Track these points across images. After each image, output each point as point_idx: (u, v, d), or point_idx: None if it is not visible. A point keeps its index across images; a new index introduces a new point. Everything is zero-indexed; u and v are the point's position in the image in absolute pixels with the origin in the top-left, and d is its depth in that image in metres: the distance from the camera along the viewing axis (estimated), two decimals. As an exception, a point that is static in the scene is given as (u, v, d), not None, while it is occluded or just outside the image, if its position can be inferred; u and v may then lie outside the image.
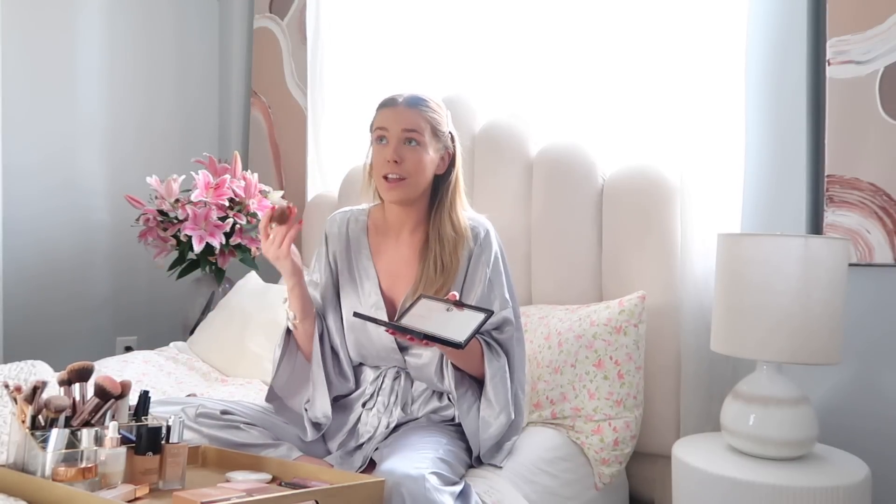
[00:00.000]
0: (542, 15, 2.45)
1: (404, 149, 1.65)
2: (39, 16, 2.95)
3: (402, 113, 1.66)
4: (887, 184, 1.86)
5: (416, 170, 1.65)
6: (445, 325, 1.45)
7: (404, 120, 1.65)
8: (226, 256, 2.80)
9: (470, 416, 1.63)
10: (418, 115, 1.66)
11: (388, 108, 1.68)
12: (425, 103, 1.69)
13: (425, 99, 1.70)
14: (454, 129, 1.75)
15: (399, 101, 1.68)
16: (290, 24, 3.18)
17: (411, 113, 1.66)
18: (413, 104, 1.67)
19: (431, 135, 1.67)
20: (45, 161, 2.97)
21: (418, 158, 1.65)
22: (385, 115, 1.68)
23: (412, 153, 1.65)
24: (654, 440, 2.01)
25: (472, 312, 1.48)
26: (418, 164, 1.65)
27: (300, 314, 1.70)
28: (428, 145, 1.67)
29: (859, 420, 1.89)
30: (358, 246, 1.77)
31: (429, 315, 1.50)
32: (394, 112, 1.67)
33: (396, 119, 1.66)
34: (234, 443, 1.59)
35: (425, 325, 1.46)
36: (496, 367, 1.62)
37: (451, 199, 1.71)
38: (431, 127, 1.67)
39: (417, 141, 1.65)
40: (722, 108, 1.98)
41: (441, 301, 1.52)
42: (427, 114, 1.68)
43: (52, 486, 1.25)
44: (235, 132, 3.41)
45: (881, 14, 1.86)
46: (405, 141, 1.65)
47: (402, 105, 1.67)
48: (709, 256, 1.94)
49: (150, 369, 2.38)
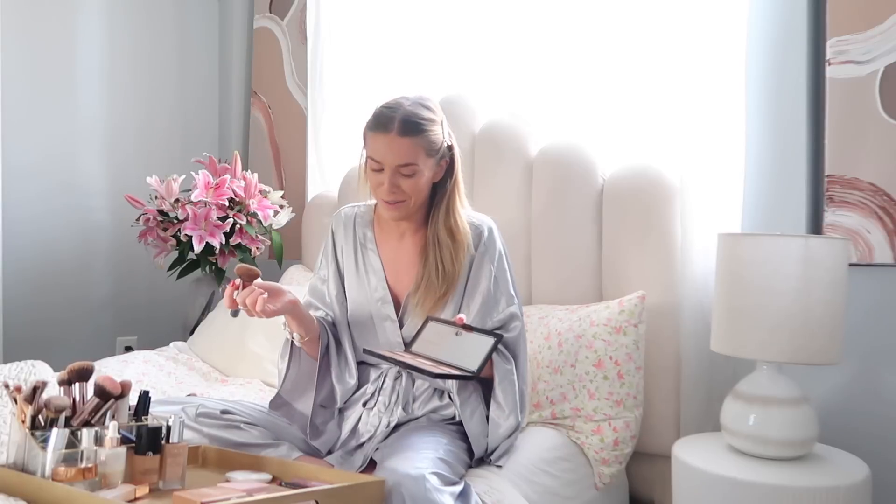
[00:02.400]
0: (542, 15, 2.45)
1: (401, 178, 1.62)
2: (39, 16, 2.95)
3: (396, 146, 1.60)
4: (887, 184, 1.86)
5: (414, 192, 1.65)
6: (456, 352, 1.48)
7: (398, 155, 1.60)
8: (226, 256, 2.80)
9: (474, 420, 1.63)
10: (413, 146, 1.61)
11: (382, 135, 1.61)
12: (420, 127, 1.61)
13: (419, 121, 1.62)
14: (451, 135, 1.71)
15: (392, 129, 1.60)
16: (290, 24, 3.18)
17: (405, 145, 1.60)
18: (407, 132, 1.60)
19: (426, 157, 1.63)
20: (45, 161, 2.97)
21: (414, 183, 1.64)
22: (379, 144, 1.62)
23: (408, 181, 1.63)
24: (654, 440, 2.01)
25: (481, 337, 1.50)
26: (415, 188, 1.64)
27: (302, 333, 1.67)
28: (424, 169, 1.64)
29: (859, 420, 1.89)
30: (364, 241, 1.77)
31: (438, 341, 1.53)
32: (387, 143, 1.60)
33: (390, 153, 1.60)
34: (234, 442, 1.59)
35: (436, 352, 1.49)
36: (504, 371, 1.62)
37: (447, 204, 1.70)
38: (426, 151, 1.63)
39: (414, 171, 1.62)
40: (722, 108, 1.98)
41: (449, 324, 1.54)
42: (422, 140, 1.61)
43: (52, 486, 1.25)
44: (235, 132, 3.41)
45: (881, 14, 1.85)
46: (401, 173, 1.62)
47: (396, 134, 1.59)
48: (709, 256, 1.94)
49: (150, 369, 2.38)
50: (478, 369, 1.43)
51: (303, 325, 1.66)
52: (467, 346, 1.48)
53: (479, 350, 1.46)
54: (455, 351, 1.48)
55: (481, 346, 1.47)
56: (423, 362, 1.50)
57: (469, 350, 1.46)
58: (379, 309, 1.73)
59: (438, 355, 1.48)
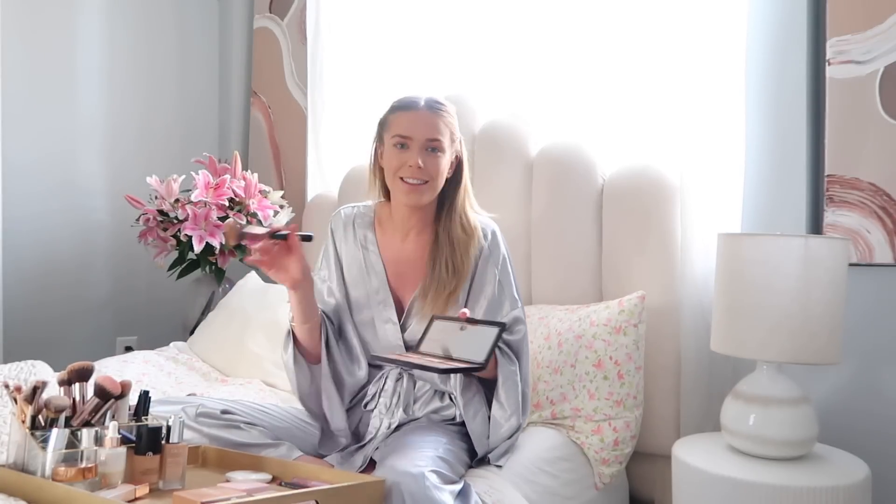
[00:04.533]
0: (543, 15, 2.45)
1: (427, 155, 1.64)
2: (39, 16, 2.95)
3: (426, 119, 1.65)
4: (887, 184, 1.86)
5: (437, 174, 1.67)
6: (463, 347, 1.48)
7: (428, 128, 1.64)
8: (226, 256, 2.80)
9: (476, 421, 1.63)
10: (440, 122, 1.66)
11: (410, 111, 1.66)
12: (445, 108, 1.68)
13: (443, 103, 1.69)
14: (460, 134, 1.74)
15: (420, 105, 1.66)
16: (290, 24, 3.17)
17: (434, 119, 1.65)
18: (435, 109, 1.66)
19: (450, 140, 1.68)
20: (45, 161, 2.97)
21: (438, 163, 1.66)
22: (407, 120, 1.65)
23: (433, 159, 1.65)
24: (654, 440, 2.01)
25: (486, 328, 1.50)
26: (438, 170, 1.66)
27: (300, 318, 1.66)
28: (446, 151, 1.67)
29: (859, 420, 1.89)
30: (365, 242, 1.77)
31: (444, 338, 1.53)
32: (417, 118, 1.65)
33: (420, 126, 1.64)
34: (234, 442, 1.58)
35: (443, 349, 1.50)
36: (508, 372, 1.62)
37: (461, 201, 1.72)
38: (450, 132, 1.68)
39: (439, 148, 1.65)
40: (722, 108, 1.98)
41: (453, 321, 1.55)
42: (447, 119, 1.67)
43: (52, 486, 1.25)
44: (235, 132, 3.41)
45: (881, 14, 1.85)
46: (428, 148, 1.64)
47: (425, 109, 1.66)
48: (709, 256, 1.94)
49: (150, 369, 2.38)
50: (485, 360, 1.43)
51: (302, 310, 1.64)
52: (473, 338, 1.48)
53: (486, 341, 1.46)
54: (462, 345, 1.48)
55: (487, 336, 1.47)
56: (430, 360, 1.50)
57: (475, 342, 1.47)
58: (380, 311, 1.72)
59: (446, 352, 1.48)
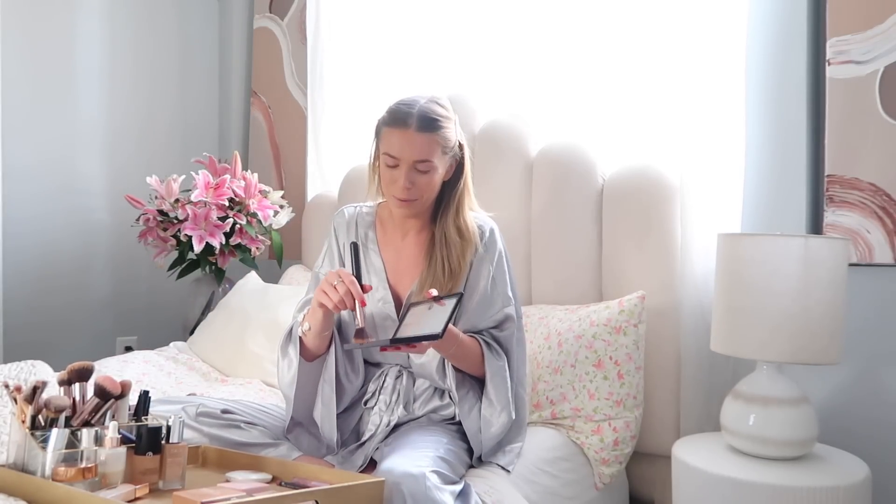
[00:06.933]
0: (543, 15, 2.45)
1: (416, 175, 1.62)
2: (39, 16, 2.94)
3: (414, 141, 1.60)
4: (887, 184, 1.86)
5: (427, 189, 1.65)
6: (426, 324, 1.47)
7: (416, 151, 1.60)
8: (226, 256, 2.80)
9: (471, 417, 1.63)
10: (430, 142, 1.61)
11: (399, 130, 1.61)
12: (437, 124, 1.62)
13: (436, 117, 1.62)
14: (462, 134, 1.71)
15: (410, 123, 1.60)
16: (290, 24, 3.18)
17: (423, 141, 1.60)
18: (425, 128, 1.60)
19: (441, 154, 1.64)
20: (45, 161, 2.97)
21: (429, 180, 1.64)
22: (396, 140, 1.61)
23: (423, 178, 1.63)
24: (654, 440, 2.01)
25: (449, 300, 1.50)
26: (429, 185, 1.65)
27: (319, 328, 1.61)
28: (439, 166, 1.64)
29: (859, 420, 1.89)
30: (366, 240, 1.77)
31: (415, 321, 1.53)
32: (405, 139, 1.60)
33: (408, 149, 1.60)
34: (234, 442, 1.59)
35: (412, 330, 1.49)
36: (496, 367, 1.62)
37: (457, 204, 1.70)
38: (442, 148, 1.63)
39: (429, 168, 1.63)
40: (722, 108, 1.98)
41: (423, 303, 1.54)
42: (438, 136, 1.62)
43: (52, 486, 1.25)
44: (235, 132, 3.41)
45: (881, 14, 1.85)
46: (417, 169, 1.62)
47: (414, 130, 1.60)
48: (709, 256, 1.94)
49: (150, 369, 2.38)
50: (442, 330, 1.42)
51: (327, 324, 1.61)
52: (435, 314, 1.49)
53: (445, 313, 1.47)
54: (426, 322, 1.48)
55: (447, 309, 1.48)
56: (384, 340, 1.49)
57: (437, 317, 1.47)
58: (380, 309, 1.73)
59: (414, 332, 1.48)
